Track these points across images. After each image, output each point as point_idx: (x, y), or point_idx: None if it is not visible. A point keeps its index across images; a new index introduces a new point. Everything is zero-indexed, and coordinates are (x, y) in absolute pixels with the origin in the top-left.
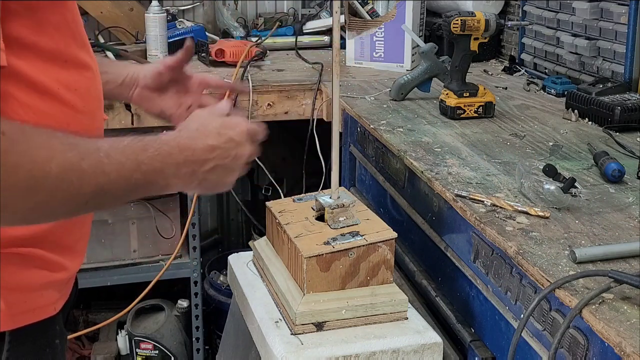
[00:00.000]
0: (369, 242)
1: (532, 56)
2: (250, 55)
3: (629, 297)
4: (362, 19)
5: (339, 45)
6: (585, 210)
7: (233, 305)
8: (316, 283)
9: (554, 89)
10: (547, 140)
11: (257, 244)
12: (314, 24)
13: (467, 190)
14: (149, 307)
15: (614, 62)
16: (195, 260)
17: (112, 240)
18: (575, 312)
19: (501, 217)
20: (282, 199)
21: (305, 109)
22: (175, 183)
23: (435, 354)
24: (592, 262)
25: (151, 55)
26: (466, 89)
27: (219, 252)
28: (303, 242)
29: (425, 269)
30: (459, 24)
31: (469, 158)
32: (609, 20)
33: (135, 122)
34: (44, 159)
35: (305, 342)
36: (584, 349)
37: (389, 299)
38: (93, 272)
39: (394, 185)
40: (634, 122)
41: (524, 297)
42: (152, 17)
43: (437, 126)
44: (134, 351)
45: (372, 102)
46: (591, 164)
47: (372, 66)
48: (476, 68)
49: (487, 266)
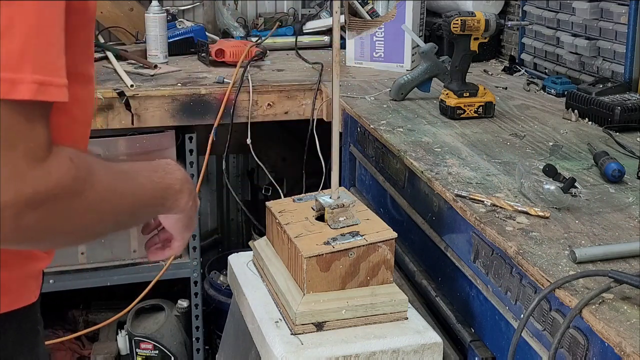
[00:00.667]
0: (369, 242)
1: (532, 56)
2: (250, 55)
3: (629, 297)
4: (362, 19)
5: (339, 45)
6: (585, 210)
7: (233, 305)
8: (316, 283)
9: (554, 89)
10: (547, 140)
11: (257, 244)
12: (314, 24)
13: (467, 190)
14: (149, 307)
15: (614, 62)
16: (195, 260)
17: (112, 240)
18: (575, 312)
19: (501, 217)
20: (282, 199)
21: (305, 109)
22: (180, 199)
23: (435, 354)
24: (592, 262)
25: (151, 56)
26: (466, 89)
27: (219, 252)
28: (303, 242)
29: (425, 269)
30: (459, 24)
31: (469, 158)
32: (609, 20)
33: (136, 122)
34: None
35: (305, 342)
36: (584, 349)
37: (389, 299)
38: (93, 272)
39: (394, 185)
40: (634, 122)
41: (524, 297)
42: (152, 17)
43: (437, 126)
44: (134, 351)
45: (372, 102)
46: (591, 164)
47: (372, 66)
48: (476, 68)
49: (487, 266)
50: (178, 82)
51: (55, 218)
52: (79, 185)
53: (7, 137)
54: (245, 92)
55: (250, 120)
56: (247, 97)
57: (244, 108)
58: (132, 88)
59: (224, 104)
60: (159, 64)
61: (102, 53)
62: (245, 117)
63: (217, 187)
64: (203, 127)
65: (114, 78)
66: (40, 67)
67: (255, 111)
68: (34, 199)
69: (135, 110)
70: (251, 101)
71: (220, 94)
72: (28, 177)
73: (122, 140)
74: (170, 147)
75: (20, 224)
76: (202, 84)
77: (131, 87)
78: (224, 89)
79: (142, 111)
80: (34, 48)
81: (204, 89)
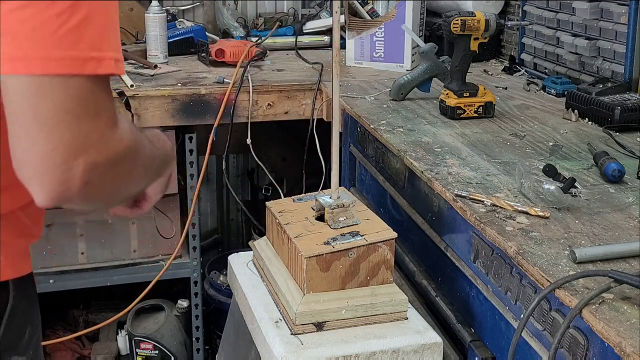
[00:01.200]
0: (369, 242)
1: (532, 56)
2: (250, 55)
3: (629, 297)
4: (362, 19)
5: (339, 45)
6: (585, 210)
7: (233, 305)
8: (316, 283)
9: (554, 89)
10: (547, 140)
11: (257, 244)
12: (314, 24)
13: (467, 190)
14: (149, 307)
15: (614, 62)
16: (195, 260)
17: (112, 240)
18: (575, 312)
19: (501, 217)
20: (282, 199)
21: (305, 109)
22: (172, 164)
23: (435, 354)
24: (592, 262)
25: (151, 56)
26: (466, 89)
27: (219, 252)
28: (303, 242)
29: (425, 269)
30: (459, 24)
31: (469, 158)
32: (609, 20)
33: (136, 122)
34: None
35: (305, 342)
36: (584, 349)
37: (389, 299)
38: (93, 272)
39: (394, 185)
40: (634, 122)
41: (524, 297)
42: (152, 17)
43: (437, 126)
44: (134, 351)
45: (372, 102)
46: (591, 164)
47: (372, 66)
48: (476, 68)
49: (487, 266)
50: (178, 82)
51: (120, 176)
52: (136, 148)
53: (94, 107)
54: (245, 92)
55: (250, 120)
56: (247, 97)
57: (244, 108)
58: (132, 88)
59: (224, 104)
60: (159, 64)
61: None
62: (245, 117)
63: (217, 187)
64: (203, 127)
65: (114, 78)
66: (114, 47)
67: (255, 111)
68: (113, 159)
69: (135, 110)
70: (251, 101)
71: (220, 94)
72: (110, 141)
73: None
74: None
75: (102, 180)
76: (202, 84)
77: (131, 87)
78: (224, 89)
79: (142, 111)
80: (110, 33)
81: (204, 89)
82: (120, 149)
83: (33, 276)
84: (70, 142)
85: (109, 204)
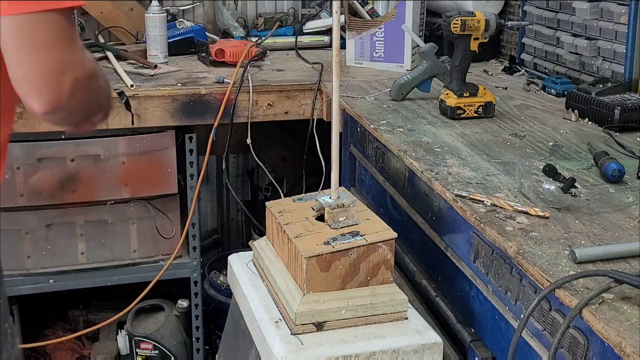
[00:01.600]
0: (369, 242)
1: (532, 56)
2: (250, 55)
3: (629, 297)
4: (362, 19)
5: (339, 45)
6: (585, 210)
7: (233, 305)
8: (316, 283)
9: (554, 89)
10: (547, 140)
11: (257, 244)
12: (314, 24)
13: (467, 190)
14: (149, 307)
15: (614, 62)
16: (195, 260)
17: (112, 240)
18: (575, 312)
19: (501, 217)
20: (282, 199)
21: (305, 109)
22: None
23: (435, 354)
24: (592, 262)
25: (151, 55)
26: (466, 89)
27: (219, 252)
28: (303, 242)
29: (425, 269)
30: (459, 24)
31: (469, 158)
32: (609, 20)
33: (136, 122)
34: None
35: (305, 342)
36: (584, 349)
37: (389, 299)
38: (93, 272)
39: (394, 185)
40: (634, 122)
41: (524, 297)
42: (152, 17)
43: (437, 126)
44: (134, 351)
45: (372, 102)
46: (591, 164)
47: (372, 66)
48: (476, 68)
49: (487, 266)
50: (178, 82)
51: (92, 91)
52: (98, 70)
53: (70, 36)
54: (245, 92)
55: (250, 120)
56: (247, 97)
57: (244, 108)
58: (132, 88)
59: (224, 104)
60: (159, 64)
61: (102, 53)
62: (245, 117)
63: (217, 187)
64: (203, 127)
65: (113, 78)
66: None
67: (255, 111)
68: (87, 75)
69: (135, 110)
70: (251, 101)
71: (220, 94)
72: (84, 62)
73: (122, 140)
74: (170, 147)
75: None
76: (202, 84)
77: (131, 87)
78: (224, 89)
79: (142, 111)
80: None
81: (204, 89)
82: (91, 69)
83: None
84: (59, 63)
85: (85, 116)
